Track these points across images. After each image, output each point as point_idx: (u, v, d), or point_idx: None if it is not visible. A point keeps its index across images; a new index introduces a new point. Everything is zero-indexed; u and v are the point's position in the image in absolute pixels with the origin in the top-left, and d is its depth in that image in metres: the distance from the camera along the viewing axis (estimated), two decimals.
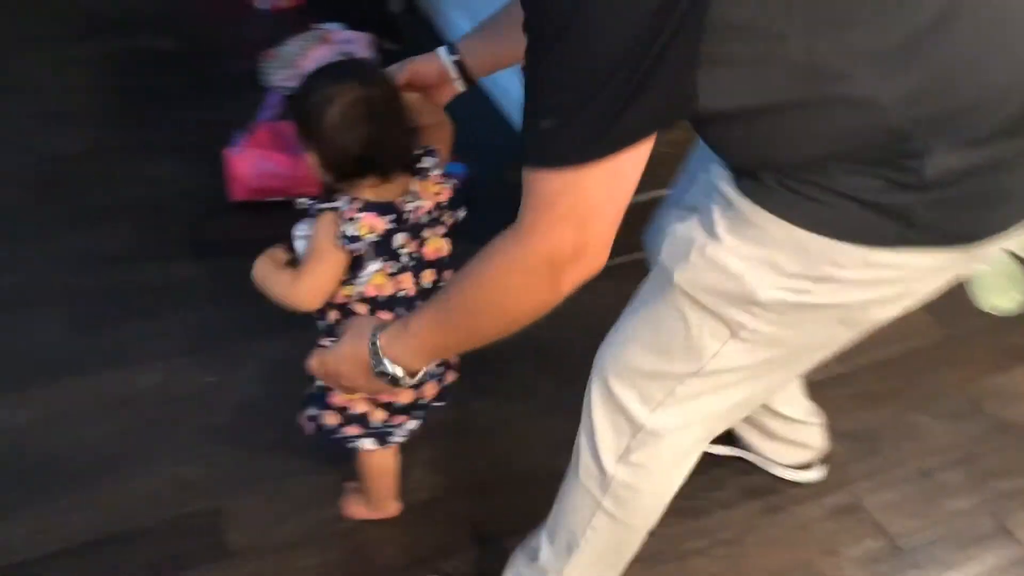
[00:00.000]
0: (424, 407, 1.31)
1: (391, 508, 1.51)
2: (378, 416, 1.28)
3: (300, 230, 1.22)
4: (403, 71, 1.21)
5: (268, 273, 1.22)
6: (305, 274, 1.18)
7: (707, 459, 1.63)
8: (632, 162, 0.78)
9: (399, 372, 1.00)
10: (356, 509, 1.51)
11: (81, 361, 1.71)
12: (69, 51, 2.59)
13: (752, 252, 0.89)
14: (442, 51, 1.21)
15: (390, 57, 2.54)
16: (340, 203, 1.14)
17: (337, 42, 2.55)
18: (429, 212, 1.22)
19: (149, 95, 2.46)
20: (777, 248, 0.87)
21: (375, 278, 1.19)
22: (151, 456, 1.56)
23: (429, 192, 1.21)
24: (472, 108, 1.50)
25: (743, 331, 0.94)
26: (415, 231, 1.20)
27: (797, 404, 1.54)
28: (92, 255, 1.94)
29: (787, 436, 1.57)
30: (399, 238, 1.18)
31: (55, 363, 1.71)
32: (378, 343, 0.99)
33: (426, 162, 1.22)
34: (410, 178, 1.20)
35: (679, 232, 0.95)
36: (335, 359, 1.07)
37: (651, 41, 0.71)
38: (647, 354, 1.03)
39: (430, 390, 1.29)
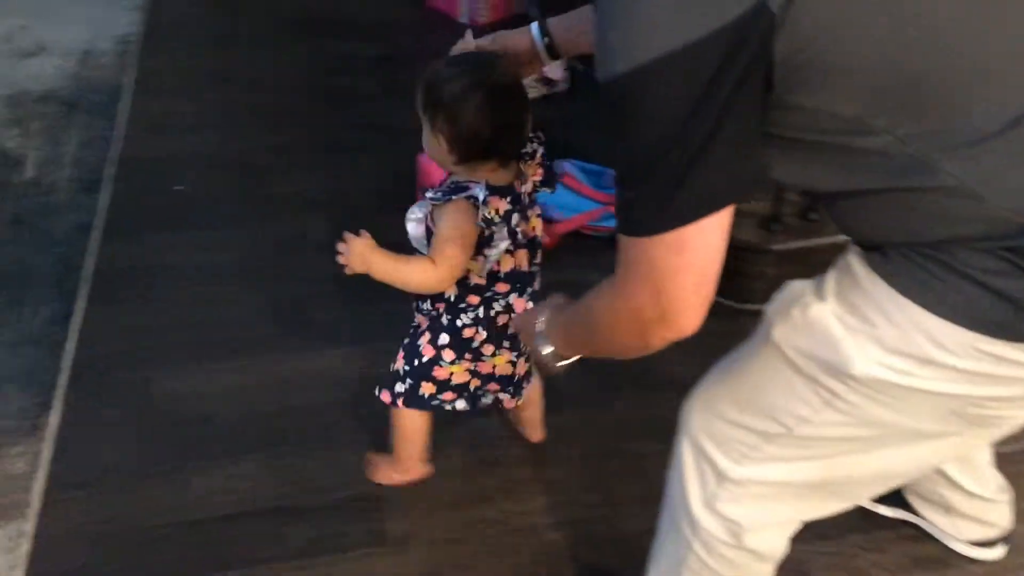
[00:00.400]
0: (510, 382, 1.42)
1: (421, 470, 1.54)
2: (474, 384, 1.39)
3: (414, 213, 1.29)
4: (494, 43, 1.26)
5: (388, 262, 1.27)
6: (450, 257, 1.23)
7: (870, 519, 1.57)
8: (703, 235, 0.79)
9: (549, 350, 1.08)
10: (385, 474, 1.55)
11: (271, 340, 1.83)
12: (287, 51, 2.79)
13: (855, 321, 0.85)
14: (534, 27, 1.26)
15: (579, 77, 2.65)
16: (477, 190, 1.20)
17: None
18: (530, 194, 1.29)
19: (353, 96, 2.60)
20: (883, 320, 0.83)
21: (502, 252, 1.27)
22: (325, 436, 1.65)
23: (531, 174, 1.29)
24: None
25: (838, 401, 0.89)
26: (523, 211, 1.28)
27: (983, 478, 1.43)
28: (290, 242, 2.07)
29: (969, 512, 1.46)
30: (515, 218, 1.25)
31: (249, 339, 1.83)
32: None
33: (532, 145, 1.28)
34: (518, 162, 1.26)
35: (791, 287, 0.94)
36: (523, 322, 1.21)
37: (696, 126, 0.74)
38: (735, 404, 1.00)
39: (521, 368, 1.41)
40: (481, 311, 1.33)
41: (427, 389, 1.38)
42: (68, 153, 2.31)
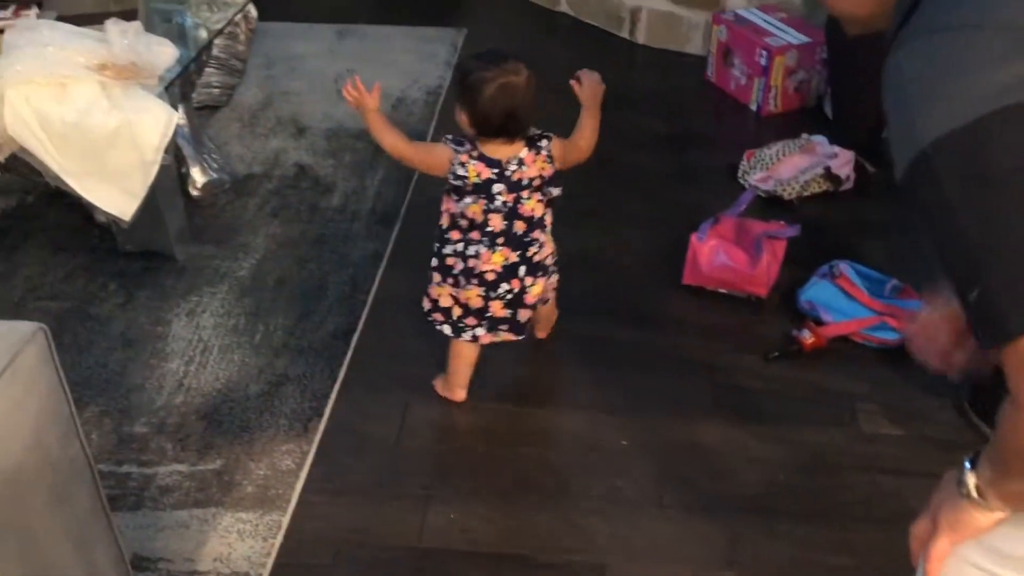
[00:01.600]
0: (502, 323, 1.73)
1: (459, 394, 1.84)
2: (456, 313, 1.73)
3: None
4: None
5: (376, 119, 1.67)
6: (406, 147, 1.70)
7: None
8: None
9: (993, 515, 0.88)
10: (438, 384, 1.87)
11: (520, 387, 1.90)
12: (572, 117, 2.89)
13: None
14: None
15: (867, 178, 2.55)
16: (462, 148, 1.61)
17: (819, 154, 2.55)
18: (531, 179, 1.64)
19: (629, 167, 2.66)
20: None
21: (472, 207, 1.63)
22: (561, 494, 1.67)
23: (536, 166, 1.63)
24: None
25: None
26: (514, 188, 1.63)
27: None
28: (573, 301, 2.14)
29: None
30: (498, 187, 1.61)
31: (505, 383, 1.92)
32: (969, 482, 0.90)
33: (543, 142, 1.65)
34: (523, 148, 1.62)
35: None
36: (935, 506, 0.97)
37: None
38: None
39: (498, 311, 1.71)
40: (460, 246, 1.69)
41: (425, 304, 1.77)
42: (372, 187, 2.54)
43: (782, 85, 2.90)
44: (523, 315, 1.75)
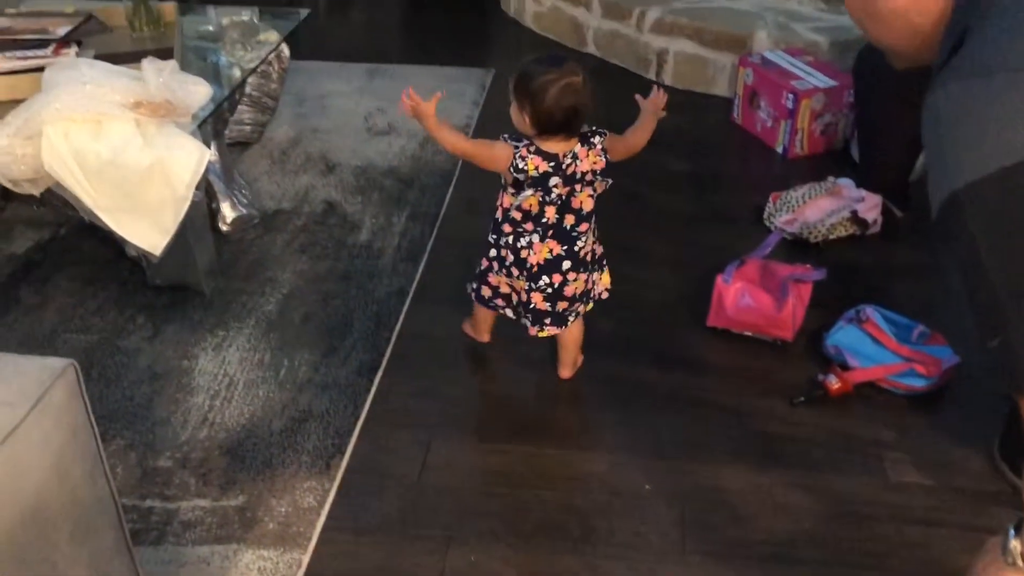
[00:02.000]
0: (545, 316, 1.86)
1: (484, 337, 2.07)
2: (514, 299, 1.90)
3: None
4: None
5: (440, 125, 1.76)
6: (467, 146, 1.79)
7: None
8: None
9: None
10: (467, 326, 2.09)
11: (550, 430, 1.89)
12: None
13: None
14: None
15: (894, 222, 2.53)
16: (520, 144, 1.71)
17: (845, 197, 2.54)
18: (584, 173, 1.75)
19: (654, 206, 2.67)
20: None
21: (530, 199, 1.75)
22: (583, 538, 1.66)
23: (588, 160, 1.74)
24: None
25: None
26: (569, 181, 1.74)
27: None
28: (597, 342, 2.14)
29: None
30: (554, 180, 1.73)
31: (529, 425, 1.91)
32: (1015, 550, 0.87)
33: (595, 138, 1.75)
34: (577, 144, 1.73)
35: None
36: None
37: None
38: None
39: (539, 303, 1.84)
40: (510, 238, 1.81)
41: (486, 292, 1.93)
42: (398, 224, 2.57)
43: (808, 128, 2.91)
44: (561, 306, 1.87)
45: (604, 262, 1.97)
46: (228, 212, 2.48)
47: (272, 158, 2.90)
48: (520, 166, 1.71)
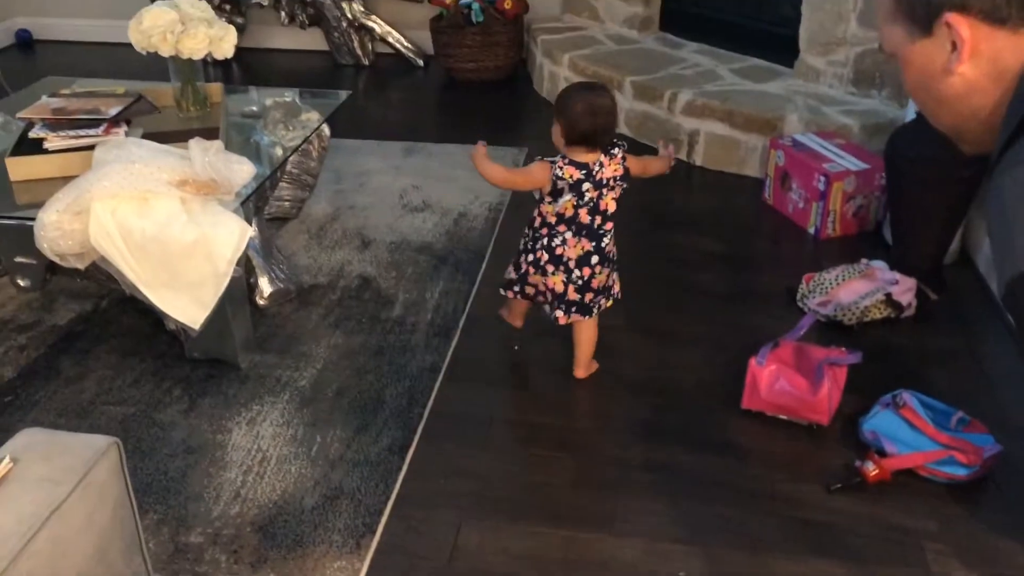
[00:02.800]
0: (573, 305, 2.16)
1: (517, 322, 2.39)
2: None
3: None
4: None
5: (485, 161, 2.08)
6: (512, 176, 2.18)
7: None
8: None
9: None
10: (504, 312, 2.39)
11: (584, 514, 1.87)
12: (629, 236, 2.96)
13: None
14: None
15: (930, 306, 2.52)
16: (558, 159, 2.05)
17: (879, 280, 2.54)
18: (609, 179, 2.06)
19: (686, 287, 2.68)
20: None
21: (566, 203, 2.06)
22: None
23: (611, 167, 2.06)
24: None
25: None
26: (598, 186, 2.05)
27: None
28: (609, 419, 2.14)
29: None
30: (586, 185, 2.04)
31: (564, 509, 1.89)
32: None
33: (616, 150, 2.07)
34: (600, 154, 2.05)
35: None
36: None
37: None
38: None
39: (571, 294, 2.13)
40: (547, 240, 2.11)
41: (518, 288, 2.23)
42: (431, 300, 2.59)
43: (840, 210, 2.92)
44: (588, 297, 2.15)
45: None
46: (266, 287, 2.53)
47: (310, 233, 2.96)
48: (560, 175, 2.03)
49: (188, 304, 2.10)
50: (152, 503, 1.87)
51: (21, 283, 2.49)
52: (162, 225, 2.03)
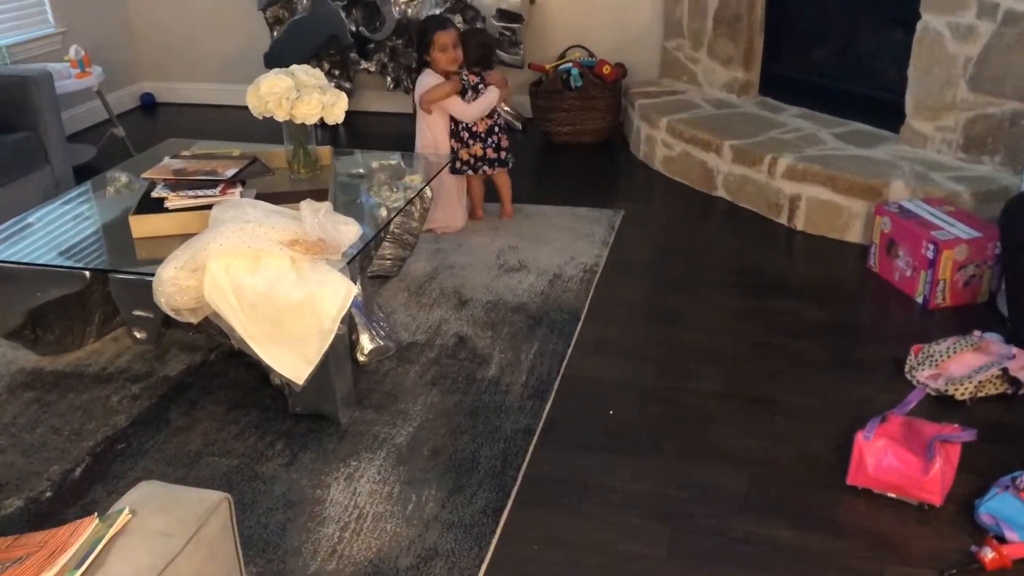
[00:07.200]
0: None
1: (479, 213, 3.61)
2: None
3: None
4: None
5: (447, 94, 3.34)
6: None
7: None
8: None
9: None
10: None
11: None
12: (728, 301, 2.93)
13: None
14: None
15: None
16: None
17: (995, 353, 2.42)
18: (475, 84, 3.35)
19: (787, 356, 2.61)
20: None
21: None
22: None
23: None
24: None
25: None
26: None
27: None
28: (703, 490, 2.08)
29: None
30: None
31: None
32: None
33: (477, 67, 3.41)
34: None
35: None
36: None
37: None
38: None
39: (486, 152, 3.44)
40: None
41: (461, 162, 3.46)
42: (526, 361, 2.60)
43: (951, 279, 2.82)
44: (491, 154, 3.46)
45: None
46: (366, 344, 2.58)
47: (409, 291, 3.02)
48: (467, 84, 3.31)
49: (293, 360, 2.16)
50: (252, 556, 1.91)
51: (138, 335, 2.62)
52: (272, 283, 2.11)
